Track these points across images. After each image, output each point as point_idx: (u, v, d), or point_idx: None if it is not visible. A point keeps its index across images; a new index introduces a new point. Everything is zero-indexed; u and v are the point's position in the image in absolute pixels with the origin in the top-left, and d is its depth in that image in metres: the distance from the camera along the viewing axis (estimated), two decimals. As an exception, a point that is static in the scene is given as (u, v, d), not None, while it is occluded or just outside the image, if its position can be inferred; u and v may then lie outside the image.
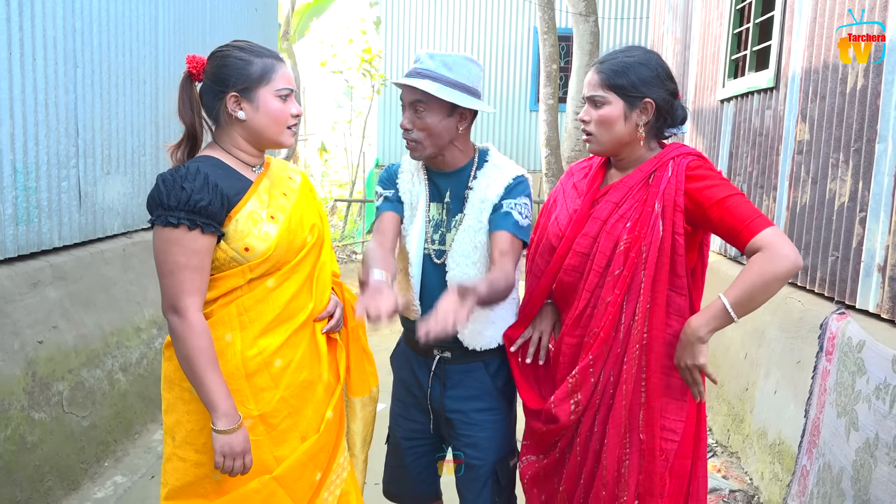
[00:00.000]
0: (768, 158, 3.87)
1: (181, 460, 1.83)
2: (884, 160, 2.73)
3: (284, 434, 1.84)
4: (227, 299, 1.83)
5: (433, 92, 1.90)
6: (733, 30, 4.62)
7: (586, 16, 8.36)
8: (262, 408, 1.81)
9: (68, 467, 3.22)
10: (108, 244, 4.10)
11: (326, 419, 1.90)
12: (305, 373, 1.88)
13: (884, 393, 2.40)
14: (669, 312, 1.82)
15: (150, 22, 4.51)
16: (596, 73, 1.88)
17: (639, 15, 11.91)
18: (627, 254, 1.82)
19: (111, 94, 4.08)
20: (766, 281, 1.68)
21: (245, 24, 6.26)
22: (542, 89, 8.64)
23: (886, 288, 2.69)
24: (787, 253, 1.68)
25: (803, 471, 2.82)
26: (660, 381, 1.80)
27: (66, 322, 3.51)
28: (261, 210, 1.82)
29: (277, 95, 1.82)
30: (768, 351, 3.42)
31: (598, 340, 1.85)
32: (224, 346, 1.80)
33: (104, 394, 3.64)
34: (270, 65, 1.81)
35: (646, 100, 1.83)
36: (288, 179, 1.97)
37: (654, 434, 1.79)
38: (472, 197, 2.02)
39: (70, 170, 3.71)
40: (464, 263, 2.00)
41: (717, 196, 1.76)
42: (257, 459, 1.79)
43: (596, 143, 1.90)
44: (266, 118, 1.82)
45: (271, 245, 1.79)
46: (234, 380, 1.79)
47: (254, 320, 1.82)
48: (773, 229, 1.71)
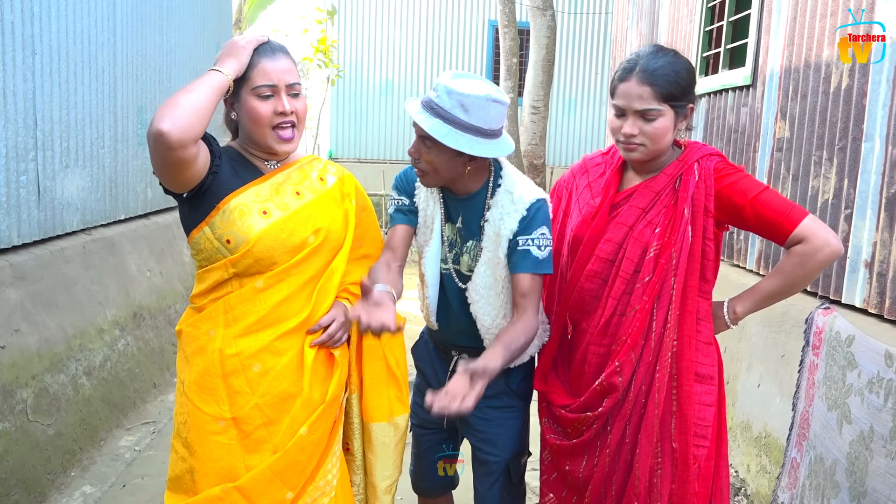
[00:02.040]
0: (745, 155, 3.93)
1: (174, 451, 1.81)
2: (871, 158, 2.79)
3: (258, 444, 1.75)
4: (217, 293, 1.78)
5: (440, 139, 1.78)
6: (704, 27, 4.67)
7: (543, 10, 8.38)
8: (236, 411, 1.74)
9: (34, 479, 3.03)
10: (67, 241, 3.88)
11: (298, 435, 1.77)
12: (286, 384, 1.78)
13: (877, 386, 2.45)
14: (699, 319, 1.81)
15: (107, 7, 4.28)
16: (644, 84, 1.74)
17: (597, 10, 12.01)
18: (657, 260, 1.79)
19: (69, 83, 3.86)
20: (807, 270, 1.74)
21: (201, 11, 6.04)
22: (502, 83, 8.63)
23: (874, 283, 2.75)
24: (829, 241, 1.72)
25: (793, 463, 2.87)
26: (692, 388, 1.78)
27: (29, 325, 3.30)
28: (253, 204, 1.74)
29: (256, 94, 1.71)
30: (749, 345, 3.48)
31: (624, 347, 1.82)
32: (207, 341, 1.76)
33: (69, 400, 3.45)
34: (253, 62, 1.70)
35: (690, 106, 1.82)
36: (317, 181, 1.88)
37: (688, 442, 1.77)
38: (489, 230, 1.93)
39: (28, 163, 3.49)
40: (487, 295, 1.96)
41: (750, 193, 1.76)
42: (228, 465, 1.73)
43: (643, 154, 1.81)
44: (246, 119, 1.73)
45: (252, 239, 1.71)
46: (210, 377, 1.74)
47: (238, 319, 1.75)
48: (811, 218, 1.74)
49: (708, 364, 1.83)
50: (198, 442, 1.74)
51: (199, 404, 1.74)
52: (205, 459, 1.73)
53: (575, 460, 1.95)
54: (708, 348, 1.84)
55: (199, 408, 1.74)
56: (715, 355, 1.87)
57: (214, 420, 1.73)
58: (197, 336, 1.77)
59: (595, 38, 12.17)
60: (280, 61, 1.73)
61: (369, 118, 12.12)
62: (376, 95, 12.07)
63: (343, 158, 12.08)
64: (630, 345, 1.81)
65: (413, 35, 12.06)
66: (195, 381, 1.75)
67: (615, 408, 1.84)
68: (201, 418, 1.74)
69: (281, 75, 1.72)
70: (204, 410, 1.74)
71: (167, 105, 1.56)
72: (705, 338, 1.82)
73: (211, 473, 1.73)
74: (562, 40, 11.63)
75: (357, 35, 12.06)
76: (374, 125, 12.14)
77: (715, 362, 1.86)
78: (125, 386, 3.99)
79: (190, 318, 1.83)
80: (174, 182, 1.68)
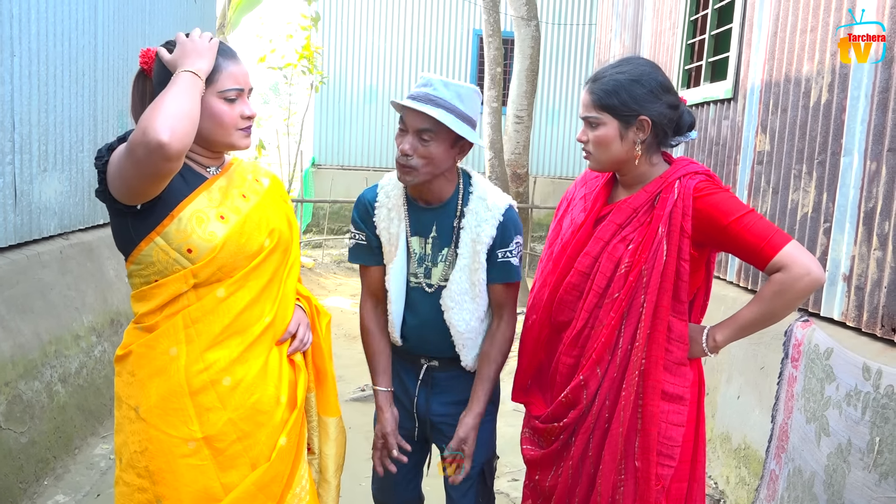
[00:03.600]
0: (725, 167, 3.96)
1: (126, 484, 1.70)
2: (849, 173, 2.82)
3: (233, 460, 1.70)
4: (172, 309, 1.69)
5: (448, 123, 1.86)
6: (687, 40, 4.72)
7: (528, 20, 8.42)
8: (207, 430, 1.68)
9: (6, 488, 2.97)
10: (44, 246, 3.83)
11: (279, 446, 1.76)
12: (258, 394, 1.74)
13: (855, 399, 2.47)
14: (671, 339, 1.78)
15: (89, 10, 4.24)
16: (588, 92, 1.83)
17: (581, 21, 12.09)
18: (626, 277, 1.78)
19: (48, 86, 3.81)
20: (786, 300, 1.68)
21: (184, 15, 6.01)
22: (486, 92, 8.64)
23: (852, 297, 2.77)
24: (810, 270, 1.66)
25: (772, 475, 2.88)
26: (657, 408, 1.76)
27: (3, 331, 3.24)
28: (209, 209, 1.69)
29: (223, 97, 1.69)
30: (729, 357, 3.50)
31: (589, 361, 1.83)
32: (168, 360, 1.67)
33: (43, 407, 3.39)
34: (218, 64, 1.68)
35: (641, 117, 1.78)
36: (254, 182, 1.85)
37: (650, 461, 1.75)
38: (465, 236, 2.01)
39: (5, 166, 3.44)
40: (461, 301, 2.02)
41: (732, 215, 1.72)
42: (202, 487, 1.67)
43: (594, 162, 1.88)
44: (210, 122, 1.69)
45: (217, 245, 1.66)
46: (176, 397, 1.66)
47: (201, 333, 1.69)
48: (793, 245, 1.69)
49: (678, 384, 1.79)
50: (165, 468, 1.66)
51: (165, 428, 1.67)
52: (175, 485, 1.66)
53: (543, 471, 1.97)
54: (679, 368, 1.80)
55: (165, 431, 1.67)
56: (688, 375, 1.82)
57: (183, 442, 1.67)
58: (153, 357, 1.69)
59: (579, 49, 12.26)
60: (241, 65, 1.75)
61: (353, 125, 12.10)
62: (360, 103, 12.05)
63: (326, 165, 12.04)
64: (595, 359, 1.81)
65: (397, 43, 12.08)
66: (157, 405, 1.67)
67: (579, 420, 1.85)
68: (167, 443, 1.66)
69: (245, 79, 1.74)
70: (170, 434, 1.66)
71: (158, 113, 1.49)
72: (676, 358, 1.79)
73: (185, 498, 1.66)
74: (546, 51, 11.69)
75: (341, 42, 12.05)
76: (357, 132, 12.12)
77: (687, 383, 1.81)
78: (101, 393, 3.93)
79: (140, 338, 1.72)
80: (144, 193, 1.60)
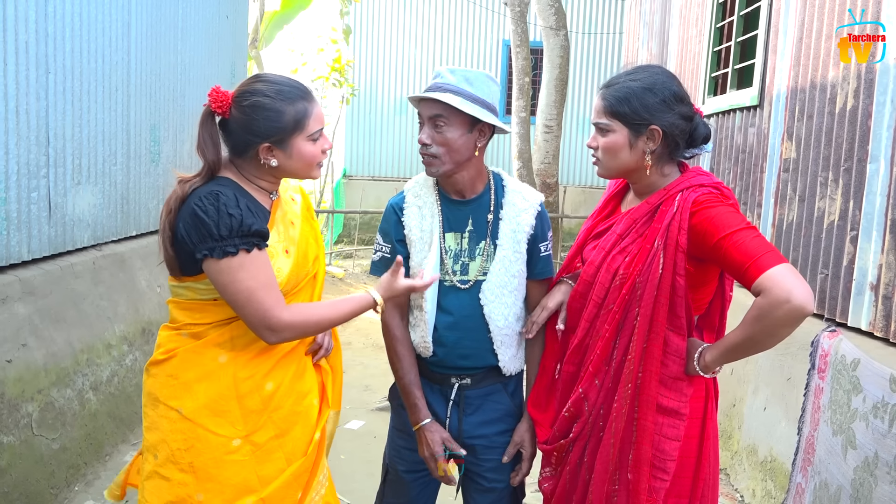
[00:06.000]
0: (752, 175, 3.91)
1: (163, 479, 1.78)
2: (876, 180, 2.76)
3: (270, 454, 1.81)
4: (222, 322, 1.80)
5: (457, 105, 1.86)
6: (713, 48, 4.67)
7: (556, 29, 8.42)
8: (250, 429, 1.80)
9: (38, 493, 3.05)
10: (77, 257, 3.93)
11: (315, 441, 1.89)
12: (294, 396, 1.87)
13: (882, 412, 2.41)
14: (667, 352, 1.75)
15: (122, 27, 4.36)
16: (600, 98, 1.82)
17: (610, 30, 12.05)
18: (620, 289, 1.77)
19: (83, 102, 3.93)
20: (765, 327, 1.55)
21: (216, 31, 6.12)
22: (514, 102, 8.66)
23: (880, 306, 2.71)
24: (791, 296, 1.48)
25: (798, 489, 2.82)
26: (651, 421, 1.74)
27: (36, 340, 3.34)
28: (277, 244, 1.82)
29: (311, 139, 1.79)
30: (756, 367, 3.44)
31: (587, 374, 1.83)
32: (217, 367, 1.78)
33: (74, 414, 3.47)
34: (303, 110, 1.76)
35: (651, 127, 1.75)
36: (290, 201, 1.95)
37: (642, 473, 1.73)
38: (504, 227, 1.99)
39: (40, 180, 3.55)
40: (501, 294, 1.98)
41: (724, 230, 1.61)
42: (242, 479, 1.78)
43: (602, 169, 1.87)
44: (299, 163, 1.79)
45: (283, 280, 1.79)
46: (225, 400, 1.77)
47: (246, 344, 1.80)
48: (782, 268, 1.52)
49: (674, 398, 1.75)
50: (211, 465, 1.76)
51: (213, 428, 1.76)
52: (219, 479, 1.76)
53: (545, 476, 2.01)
54: (676, 383, 1.75)
55: (213, 431, 1.76)
56: (686, 390, 1.77)
57: (229, 440, 1.77)
58: (201, 362, 1.79)
59: (608, 57, 12.20)
60: (317, 103, 1.85)
61: (384, 136, 12.22)
62: (390, 114, 12.16)
63: (357, 176, 12.15)
64: (592, 371, 1.81)
65: (427, 54, 12.16)
66: (206, 406, 1.77)
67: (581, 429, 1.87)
68: (214, 441, 1.76)
69: (323, 117, 1.85)
70: (218, 433, 1.76)
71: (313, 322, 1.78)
72: (672, 372, 1.75)
73: (226, 490, 1.76)
74: (575, 60, 11.67)
75: (372, 54, 12.18)
76: (388, 143, 12.23)
77: (685, 398, 1.76)
78: (132, 401, 4.01)
79: (186, 344, 1.81)
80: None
